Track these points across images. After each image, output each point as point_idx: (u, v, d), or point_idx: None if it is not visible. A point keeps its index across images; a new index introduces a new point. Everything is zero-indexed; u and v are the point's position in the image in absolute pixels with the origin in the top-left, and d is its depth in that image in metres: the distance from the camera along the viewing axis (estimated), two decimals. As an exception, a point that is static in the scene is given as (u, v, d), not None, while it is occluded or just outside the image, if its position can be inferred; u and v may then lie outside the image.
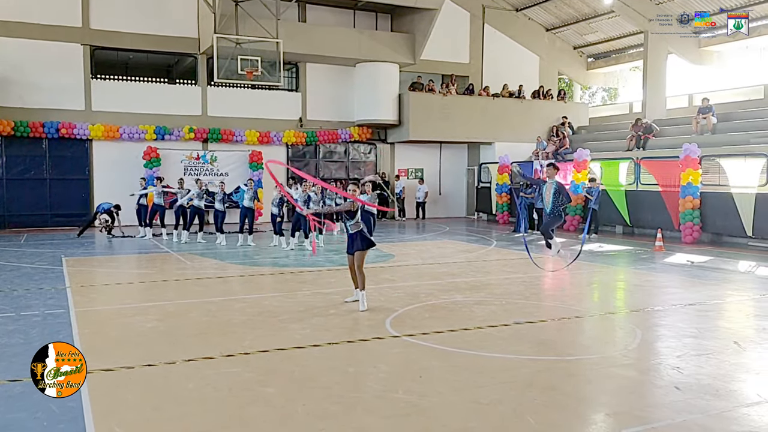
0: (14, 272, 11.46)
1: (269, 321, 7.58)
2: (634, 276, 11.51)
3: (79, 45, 20.71)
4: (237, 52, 20.05)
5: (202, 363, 5.93)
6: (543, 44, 28.05)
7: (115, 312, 8.37)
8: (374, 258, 13.19)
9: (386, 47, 23.67)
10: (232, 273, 11.45)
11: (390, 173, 25.40)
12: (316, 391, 5.19)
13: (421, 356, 6.21)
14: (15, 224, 20.07)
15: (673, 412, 4.80)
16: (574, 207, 20.13)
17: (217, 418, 4.63)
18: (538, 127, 25.24)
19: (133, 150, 21.00)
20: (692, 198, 16.40)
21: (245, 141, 22.63)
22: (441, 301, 8.88)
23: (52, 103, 20.37)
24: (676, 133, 20.97)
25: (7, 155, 20.07)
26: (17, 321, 7.62)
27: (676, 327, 7.51)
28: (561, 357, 6.22)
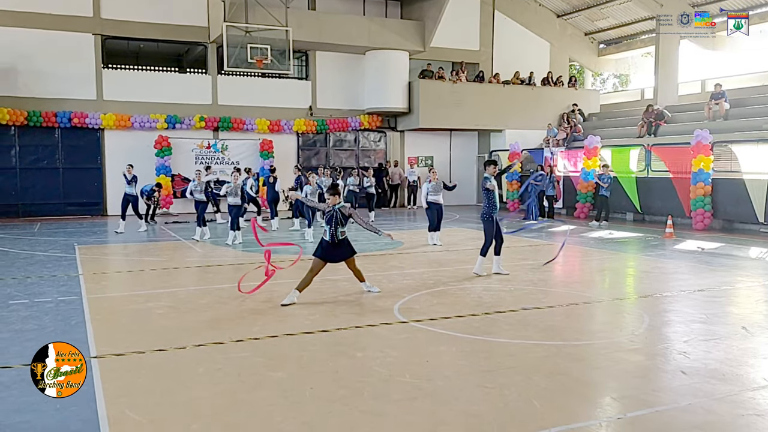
0: (28, 260, 11.61)
1: (278, 307, 7.65)
2: (644, 262, 11.48)
3: (91, 35, 20.81)
4: (247, 40, 20.06)
5: (212, 348, 6.01)
6: (554, 30, 27.84)
7: (126, 298, 8.47)
8: (383, 246, 13.24)
9: (396, 35, 23.59)
10: (243, 260, 11.53)
11: (400, 161, 25.38)
12: (323, 375, 5.25)
13: (429, 341, 6.26)
14: (29, 213, 20.29)
15: (678, 395, 4.83)
16: (584, 194, 20.07)
17: (226, 401, 4.71)
18: (548, 114, 25.10)
19: (144, 139, 21.13)
20: (703, 184, 16.29)
21: (256, 129, 22.70)
22: (449, 288, 8.91)
23: (65, 93, 20.52)
24: (688, 119, 20.80)
25: (21, 145, 20.25)
26: (31, 307, 7.74)
27: (684, 312, 7.51)
28: (568, 342, 6.24)
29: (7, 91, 19.80)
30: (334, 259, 8.12)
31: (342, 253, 8.12)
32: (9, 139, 20.08)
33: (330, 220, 8.03)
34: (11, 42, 19.72)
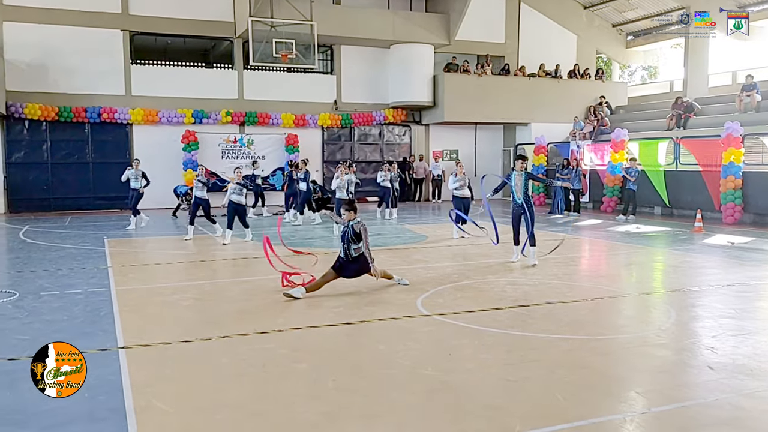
0: (59, 252, 11.85)
1: (303, 299, 7.70)
2: (672, 257, 11.32)
3: (119, 31, 21.09)
4: (272, 35, 20.18)
5: (237, 339, 6.09)
6: (581, 22, 27.49)
7: (154, 291, 8.60)
8: (407, 239, 13.25)
9: (421, 28, 23.51)
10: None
11: (425, 155, 25.33)
12: (346, 367, 5.29)
13: (451, 334, 6.26)
14: (60, 207, 20.69)
15: (705, 391, 4.77)
16: (611, 188, 19.84)
17: (250, 392, 4.76)
18: (575, 108, 24.83)
19: (171, 134, 21.37)
20: (734, 178, 15.99)
21: (281, 124, 22.82)
22: (473, 282, 8.89)
23: (94, 89, 20.84)
24: (718, 111, 20.42)
25: (52, 140, 20.64)
26: (61, 299, 7.90)
27: (712, 307, 7.40)
28: (592, 336, 6.19)
29: (39, 87, 20.19)
30: (348, 275, 8.06)
31: (356, 269, 8.06)
32: (41, 135, 20.49)
33: (343, 237, 8.06)
34: (42, 39, 20.09)
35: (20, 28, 19.92)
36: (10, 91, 19.72)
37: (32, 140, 20.44)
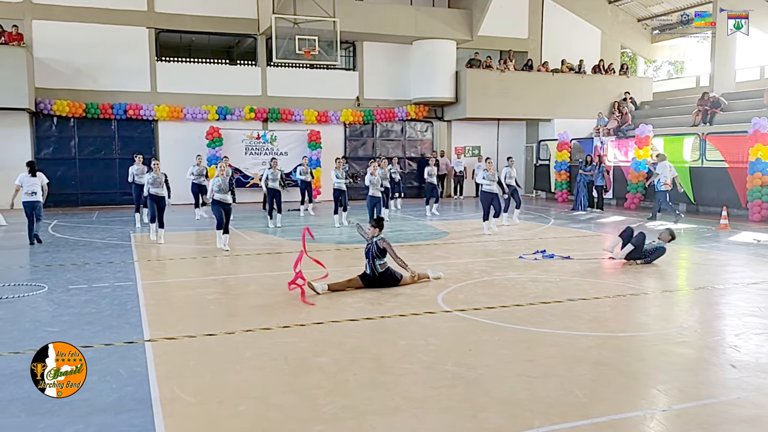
0: (86, 247, 12.08)
1: (325, 294, 7.77)
2: (696, 254, 11.21)
3: (145, 28, 21.37)
4: (295, 32, 20.27)
5: (259, 333, 6.18)
6: (605, 17, 27.21)
7: (179, 285, 8.76)
8: (429, 236, 13.27)
9: (443, 24, 23.46)
10: (290, 249, 11.70)
11: (447, 151, 25.29)
12: (366, 361, 5.35)
13: (472, 331, 6.29)
14: (87, 202, 21.06)
15: (726, 389, 4.75)
16: (635, 184, 19.64)
17: (272, 385, 4.85)
18: (598, 103, 24.61)
19: (196, 130, 21.61)
20: (761, 174, 15.74)
21: (304, 120, 22.94)
22: (494, 278, 8.90)
23: (120, 85, 21.15)
24: (746, 107, 20.10)
25: (80, 136, 20.99)
26: (89, 292, 8.07)
27: (737, 306, 7.33)
28: (613, 333, 6.18)
29: (67, 84, 20.54)
30: (370, 285, 8.14)
31: (383, 284, 8.13)
32: (69, 131, 20.85)
33: (367, 254, 8.13)
34: (70, 36, 20.42)
35: (49, 26, 20.27)
36: (39, 88, 20.11)
37: (60, 136, 20.81)
